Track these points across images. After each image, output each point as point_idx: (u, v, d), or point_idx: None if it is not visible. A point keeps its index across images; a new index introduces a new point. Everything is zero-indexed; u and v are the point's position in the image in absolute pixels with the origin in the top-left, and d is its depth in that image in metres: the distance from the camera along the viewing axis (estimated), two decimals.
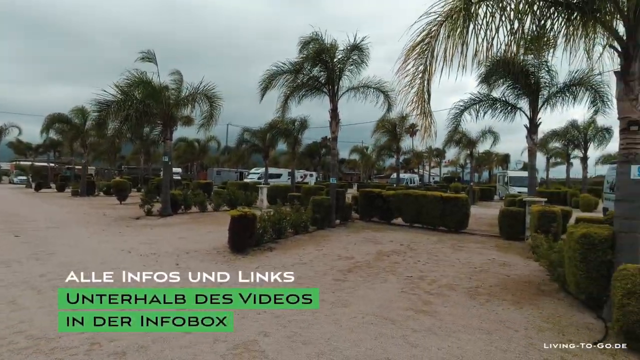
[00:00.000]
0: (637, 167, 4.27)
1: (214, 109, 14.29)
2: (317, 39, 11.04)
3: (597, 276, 4.41)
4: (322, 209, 11.38)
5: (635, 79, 4.20)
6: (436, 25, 4.62)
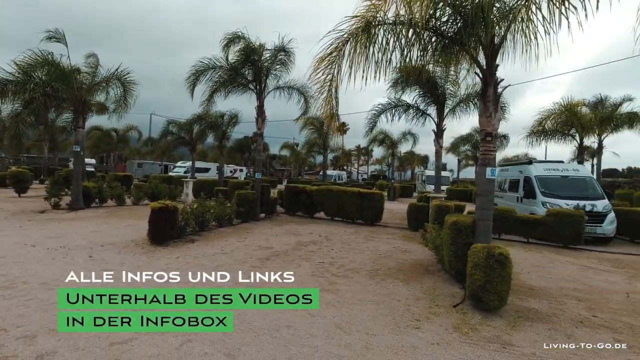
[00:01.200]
0: (491, 169, 5.47)
1: (128, 93, 13.58)
2: (243, 37, 11.30)
3: (462, 255, 5.52)
4: (246, 203, 11.72)
5: (489, 101, 5.37)
6: (342, 41, 5.33)
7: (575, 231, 9.80)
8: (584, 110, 18.66)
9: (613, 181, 32.88)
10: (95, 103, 16.16)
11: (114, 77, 13.44)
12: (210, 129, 22.58)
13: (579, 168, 13.36)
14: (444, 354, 3.58)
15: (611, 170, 55.65)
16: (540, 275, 6.89)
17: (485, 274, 4.51)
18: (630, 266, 8.11)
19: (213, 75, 11.61)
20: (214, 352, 3.38)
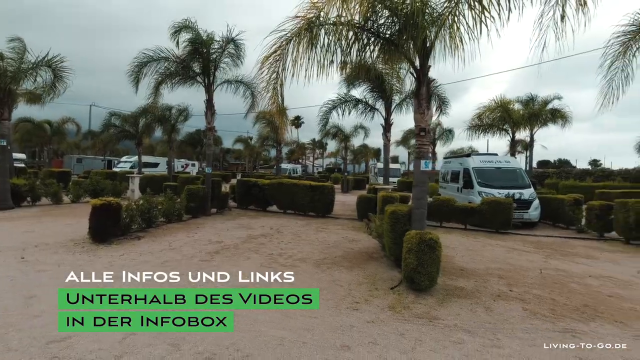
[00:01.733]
0: (425, 162, 5.96)
1: (58, 80, 12.63)
2: (192, 27, 11.00)
3: (400, 242, 5.95)
4: (196, 198, 11.54)
5: (423, 98, 5.83)
6: (285, 40, 5.49)
7: (505, 217, 10.82)
8: (516, 107, 20.43)
9: (543, 172, 36.29)
10: (25, 92, 14.85)
11: (43, 64, 12.42)
12: (158, 123, 21.63)
13: (510, 160, 14.67)
14: (376, 330, 3.94)
15: (544, 162, 61.29)
16: (472, 258, 7.60)
17: (417, 257, 4.96)
18: (549, 247, 9.16)
19: (158, 67, 11.19)
20: (157, 343, 3.46)
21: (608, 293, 5.55)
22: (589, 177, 26.68)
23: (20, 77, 12.42)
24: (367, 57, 5.90)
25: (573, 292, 5.56)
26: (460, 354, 3.51)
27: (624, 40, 7.11)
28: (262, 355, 3.33)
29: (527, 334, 4.02)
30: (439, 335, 3.89)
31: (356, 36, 5.61)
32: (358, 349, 3.53)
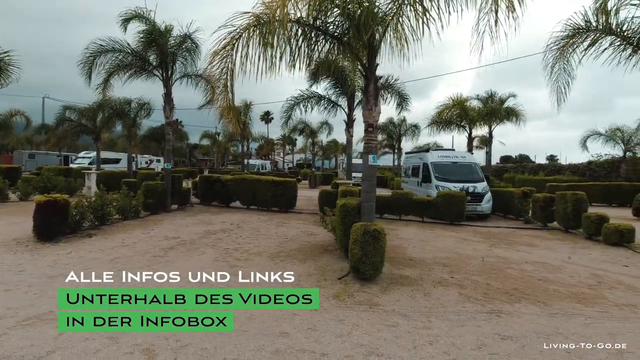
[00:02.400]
0: (372, 156, 6.19)
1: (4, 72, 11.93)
2: (144, 16, 10.63)
3: (349, 234, 6.19)
4: (155, 194, 11.31)
5: (371, 95, 6.04)
6: (235, 36, 5.51)
7: (458, 209, 11.37)
8: (475, 104, 21.37)
9: (503, 166, 38.13)
10: None
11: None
12: (117, 117, 20.81)
13: (465, 155, 15.38)
14: (318, 318, 4.12)
15: (507, 157, 64.31)
16: (423, 248, 7.98)
17: (362, 248, 5.19)
18: (496, 237, 9.74)
19: (113, 58, 10.78)
20: (95, 337, 3.45)
21: (538, 277, 6.03)
22: (542, 172, 28.39)
23: None
24: (315, 55, 6.02)
25: (508, 277, 5.99)
26: (391, 335, 3.74)
27: (561, 45, 7.68)
28: (200, 344, 3.41)
29: (457, 315, 4.33)
30: (376, 320, 4.11)
31: (305, 34, 5.72)
32: (296, 334, 3.69)
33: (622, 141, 20.71)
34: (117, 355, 3.18)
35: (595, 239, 9.15)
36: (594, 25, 7.55)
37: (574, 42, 7.62)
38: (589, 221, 9.36)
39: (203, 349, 3.35)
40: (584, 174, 25.51)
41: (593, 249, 8.31)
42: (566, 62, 7.71)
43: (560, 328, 4.04)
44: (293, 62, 5.82)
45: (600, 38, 7.72)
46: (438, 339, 3.72)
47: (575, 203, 9.97)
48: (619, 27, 7.69)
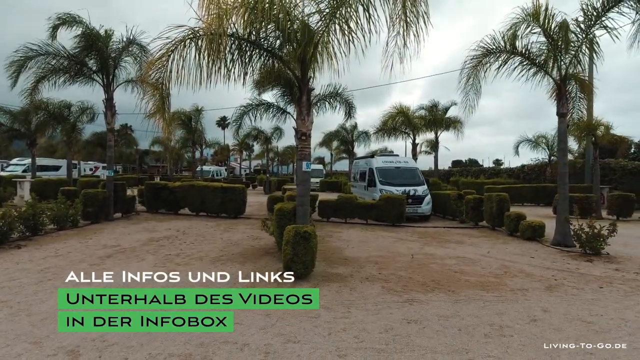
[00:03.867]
0: (306, 163, 6.62)
1: None
2: (80, 21, 10.32)
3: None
4: (95, 202, 10.98)
5: (304, 106, 6.50)
6: (171, 47, 5.71)
7: (399, 211, 12.15)
8: (421, 113, 22.74)
9: (449, 170, 40.57)
10: None
11: None
12: (54, 121, 19.62)
13: (408, 160, 16.39)
14: (247, 313, 4.39)
15: (457, 161, 68.24)
16: (360, 249, 8.51)
17: (293, 248, 5.56)
18: (431, 236, 10.56)
19: (45, 62, 10.34)
20: (17, 343, 3.50)
21: (455, 270, 6.75)
22: (483, 175, 30.67)
23: None
24: (249, 68, 6.37)
25: (430, 271, 6.65)
26: (311, 325, 4.13)
27: (474, 64, 8.69)
28: (126, 342, 3.58)
29: (375, 306, 4.82)
30: (300, 313, 4.48)
31: (240, 48, 6.05)
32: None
33: (546, 147, 23.05)
34: (39, 358, 3.28)
35: (515, 235, 10.25)
36: (503, 47, 8.61)
37: (487, 61, 8.64)
38: (509, 219, 10.47)
39: (128, 346, 3.53)
40: (518, 176, 27.92)
41: (511, 244, 9.32)
42: (476, 79, 8.73)
43: (460, 311, 4.65)
44: (228, 73, 6.10)
45: (510, 58, 8.80)
46: (352, 325, 4.16)
47: (499, 203, 11.09)
48: (525, 49, 8.81)
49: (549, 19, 8.43)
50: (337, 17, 6.09)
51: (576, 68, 8.88)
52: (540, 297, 5.30)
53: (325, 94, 16.14)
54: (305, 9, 6.39)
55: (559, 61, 8.55)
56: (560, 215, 8.87)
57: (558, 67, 8.66)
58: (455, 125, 21.40)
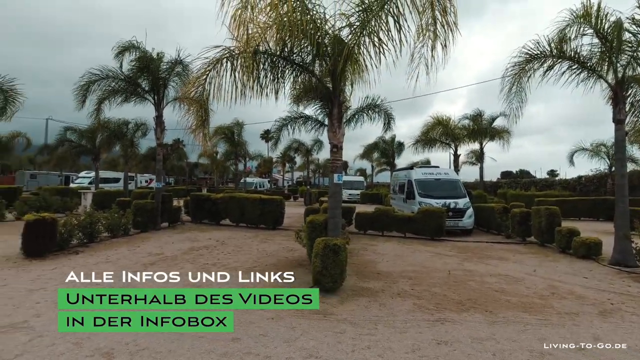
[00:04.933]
0: (337, 175, 6.62)
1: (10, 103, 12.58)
2: (138, 46, 11.37)
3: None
4: (144, 212, 11.73)
5: (335, 118, 6.54)
6: (209, 67, 6.05)
7: (437, 224, 11.70)
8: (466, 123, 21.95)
9: (497, 182, 38.47)
10: None
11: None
12: (115, 138, 21.47)
13: (449, 172, 15.81)
14: (272, 325, 4.45)
15: (507, 172, 64.64)
16: (395, 263, 8.29)
17: (322, 261, 5.55)
18: (471, 251, 10.04)
19: (107, 85, 11.44)
20: (61, 342, 3.80)
21: (496, 288, 6.34)
22: (534, 187, 28.70)
23: None
24: (281, 83, 6.56)
25: (467, 289, 6.31)
26: (335, 340, 4.07)
27: (516, 71, 8.27)
28: (156, 347, 3.76)
29: (404, 323, 4.65)
30: (326, 327, 4.45)
31: (273, 64, 6.26)
32: (247, 340, 4.02)
33: (607, 156, 21.12)
34: (78, 358, 3.53)
35: (567, 253, 9.45)
36: (548, 51, 8.11)
37: (531, 67, 8.18)
38: (560, 235, 9.68)
39: (157, 352, 3.70)
40: (575, 189, 25.80)
41: (561, 262, 8.60)
42: (519, 86, 8.26)
43: (496, 334, 4.35)
44: (262, 89, 6.33)
45: (557, 63, 8.27)
46: (377, 343, 4.04)
47: (548, 217, 10.31)
48: (574, 52, 8.24)
49: (602, 19, 7.85)
50: (367, 30, 6.12)
51: (635, 70, 8.14)
52: (591, 322, 4.82)
53: (363, 106, 16.20)
54: (336, 23, 6.49)
55: (614, 63, 7.89)
56: (619, 231, 8.05)
57: (614, 70, 7.99)
58: (502, 135, 20.34)
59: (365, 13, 6.04)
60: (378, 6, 5.68)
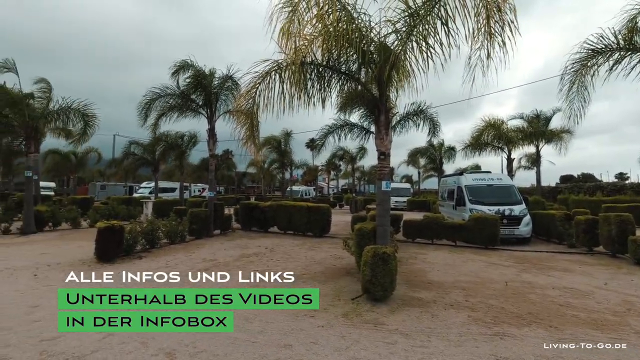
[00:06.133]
0: (385, 182, 6.55)
1: (89, 127, 13.99)
2: (192, 64, 12.17)
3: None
4: (199, 220, 12.38)
5: (382, 125, 6.50)
6: (258, 81, 6.32)
7: (491, 233, 11.10)
8: (517, 124, 20.75)
9: (556, 187, 35.69)
10: (54, 128, 16.29)
11: (72, 110, 13.54)
12: (171, 150, 23.01)
13: (502, 177, 14.96)
14: (322, 333, 4.48)
15: (568, 177, 59.78)
16: (446, 272, 7.99)
17: (371, 269, 5.50)
18: (530, 261, 9.39)
19: (165, 101, 12.36)
20: (129, 341, 4.12)
21: (561, 302, 5.87)
22: (600, 192, 26.21)
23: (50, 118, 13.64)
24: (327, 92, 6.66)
25: (527, 301, 5.91)
26: (387, 351, 4.01)
27: (577, 68, 7.67)
28: (214, 350, 3.94)
29: (459, 336, 4.46)
30: (377, 337, 4.39)
31: (319, 74, 6.39)
32: (298, 347, 4.08)
33: None
34: (144, 357, 3.81)
35: None
36: (615, 44, 7.45)
37: (595, 63, 7.56)
38: (635, 245, 8.76)
39: (215, 354, 3.88)
40: None
41: (637, 275, 7.78)
42: (581, 84, 7.64)
43: (564, 353, 4.02)
44: (309, 99, 6.48)
45: (626, 56, 7.57)
46: (431, 356, 3.91)
47: (619, 225, 9.39)
48: None
49: None
50: (415, 35, 6.04)
51: None
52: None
53: (409, 112, 15.94)
54: (382, 30, 6.49)
55: None
56: None
57: None
58: (561, 136, 18.90)
59: (412, 18, 5.98)
60: (426, 10, 5.59)
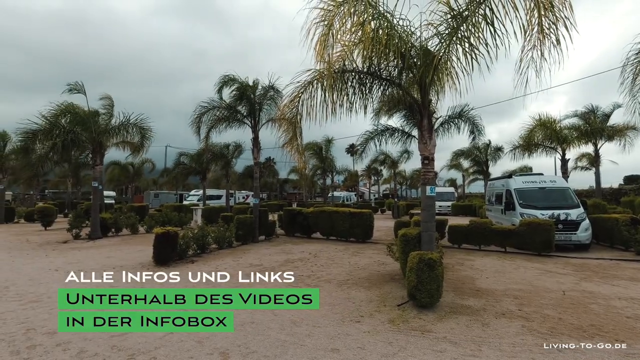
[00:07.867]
0: (430, 187, 6.46)
1: (146, 139, 15.15)
2: (235, 79, 12.79)
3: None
4: (245, 227, 12.86)
5: (425, 130, 6.43)
6: (301, 90, 6.54)
7: (545, 239, 10.45)
8: (571, 122, 19.42)
9: (619, 189, 32.75)
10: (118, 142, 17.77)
11: (130, 124, 14.97)
12: (217, 159, 24.16)
13: (556, 179, 14.03)
14: (369, 339, 4.51)
15: (634, 177, 54.56)
16: (496, 280, 7.66)
17: (417, 275, 5.44)
18: (590, 269, 8.75)
19: (213, 114, 13.10)
20: (187, 340, 4.42)
21: (628, 315, 5.44)
22: None
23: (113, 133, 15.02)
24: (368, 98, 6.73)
25: (588, 312, 5.53)
26: (435, 359, 3.96)
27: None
28: (264, 352, 4.12)
29: (512, 347, 4.29)
30: (424, 345, 4.34)
31: (360, 80, 6.49)
32: (345, 352, 4.15)
33: None
34: (200, 355, 4.07)
35: None
36: None
37: None
38: None
39: (266, 356, 4.05)
40: None
41: None
42: None
43: None
44: (351, 105, 6.59)
45: None
46: None
47: None
48: None
49: None
50: (458, 37, 5.95)
51: None
52: None
53: (452, 114, 15.53)
54: (422, 34, 6.46)
55: None
56: None
57: None
58: (624, 133, 17.39)
59: (455, 20, 5.90)
60: (470, 11, 5.49)
